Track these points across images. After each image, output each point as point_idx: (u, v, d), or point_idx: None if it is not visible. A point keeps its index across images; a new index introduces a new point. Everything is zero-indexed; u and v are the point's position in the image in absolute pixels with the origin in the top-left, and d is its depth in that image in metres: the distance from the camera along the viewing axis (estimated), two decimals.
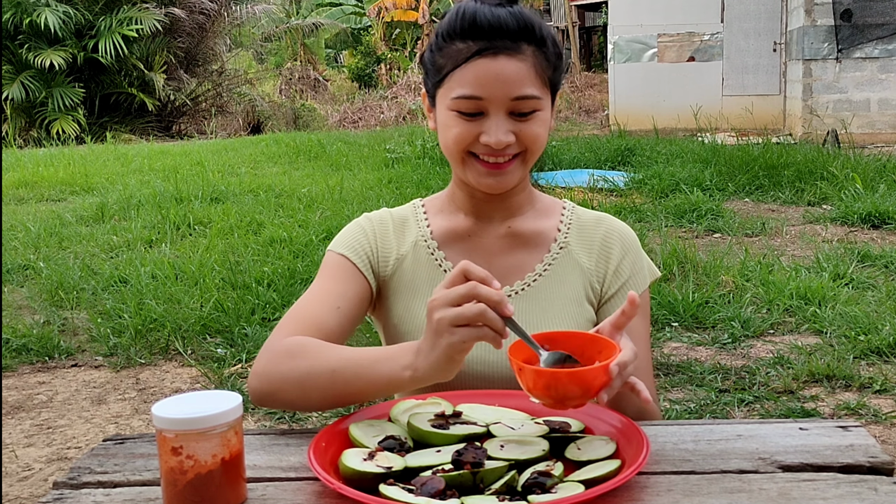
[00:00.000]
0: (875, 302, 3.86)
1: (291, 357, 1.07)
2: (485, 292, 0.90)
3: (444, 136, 1.18)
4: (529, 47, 1.13)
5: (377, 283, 1.26)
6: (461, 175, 1.20)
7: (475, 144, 1.14)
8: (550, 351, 0.96)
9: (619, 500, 0.86)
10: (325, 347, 1.08)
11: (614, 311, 1.22)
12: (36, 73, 13.34)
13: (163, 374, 3.41)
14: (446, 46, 1.14)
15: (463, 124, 1.14)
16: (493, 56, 1.11)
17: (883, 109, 10.32)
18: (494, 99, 1.12)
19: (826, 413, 2.83)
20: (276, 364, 1.08)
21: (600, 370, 0.90)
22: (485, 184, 1.17)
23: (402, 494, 0.84)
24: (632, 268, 1.25)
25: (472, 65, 1.11)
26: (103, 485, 0.93)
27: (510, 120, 1.13)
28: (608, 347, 0.95)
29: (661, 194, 6.56)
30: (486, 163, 1.15)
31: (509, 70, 1.11)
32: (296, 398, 1.07)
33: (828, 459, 0.94)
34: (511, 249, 1.25)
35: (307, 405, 1.10)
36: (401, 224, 1.28)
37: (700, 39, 12.20)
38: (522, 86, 1.12)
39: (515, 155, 1.15)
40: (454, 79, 1.13)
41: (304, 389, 1.05)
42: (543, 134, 1.16)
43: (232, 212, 6.11)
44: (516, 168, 1.16)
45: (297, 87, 20.05)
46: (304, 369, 1.05)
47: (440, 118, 1.18)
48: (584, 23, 21.14)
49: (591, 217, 1.29)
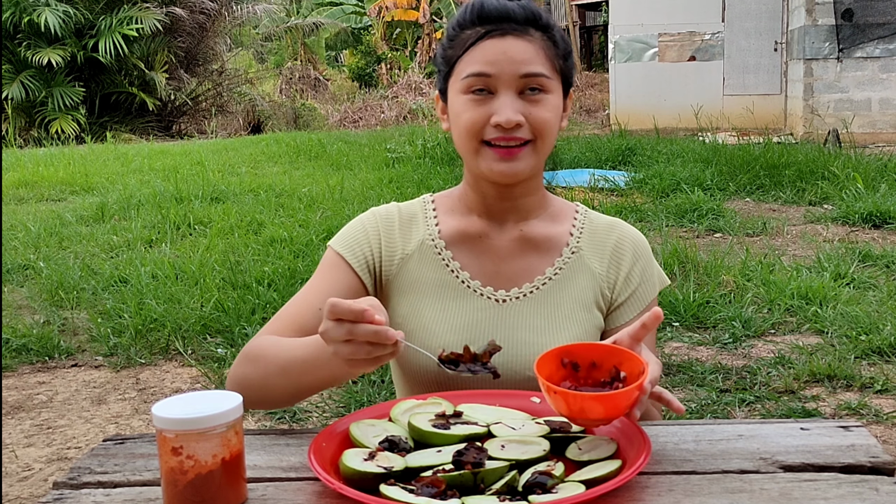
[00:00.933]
0: (876, 302, 3.86)
1: (250, 360, 1.12)
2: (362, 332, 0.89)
3: (456, 126, 1.18)
4: (537, 32, 1.15)
5: (376, 282, 1.26)
6: (474, 167, 1.19)
7: (487, 129, 1.14)
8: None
9: (620, 500, 0.86)
10: (277, 346, 1.10)
11: (623, 318, 1.23)
12: (36, 72, 13.34)
13: (163, 374, 3.41)
14: (456, 36, 1.17)
15: (473, 108, 1.14)
16: (501, 36, 1.13)
17: (884, 109, 10.31)
18: (503, 75, 1.13)
19: (827, 413, 2.83)
20: (239, 368, 1.13)
21: (634, 390, 0.90)
22: (497, 171, 1.16)
23: (403, 494, 0.84)
24: (642, 275, 1.25)
25: (481, 45, 1.14)
26: (103, 485, 0.93)
27: (519, 100, 1.14)
28: (630, 359, 0.95)
29: (661, 194, 6.55)
30: (499, 148, 1.15)
31: (517, 48, 1.13)
32: (260, 398, 1.11)
33: (829, 459, 0.94)
34: (522, 253, 1.24)
35: (270, 403, 1.14)
36: (408, 221, 1.27)
37: (701, 39, 12.19)
38: (531, 63, 1.13)
39: (526, 142, 1.15)
40: (464, 61, 1.15)
41: (263, 390, 1.10)
42: (553, 120, 1.16)
43: (232, 211, 6.11)
44: (527, 155, 1.16)
45: (298, 87, 20.04)
46: (260, 372, 1.09)
47: (452, 109, 1.18)
48: (584, 22, 21.14)
49: (603, 222, 1.28)
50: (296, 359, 1.06)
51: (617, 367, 0.96)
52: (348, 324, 0.90)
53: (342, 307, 0.90)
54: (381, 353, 0.90)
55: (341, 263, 1.23)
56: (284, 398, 1.12)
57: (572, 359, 0.98)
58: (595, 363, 0.97)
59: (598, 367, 0.97)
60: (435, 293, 1.23)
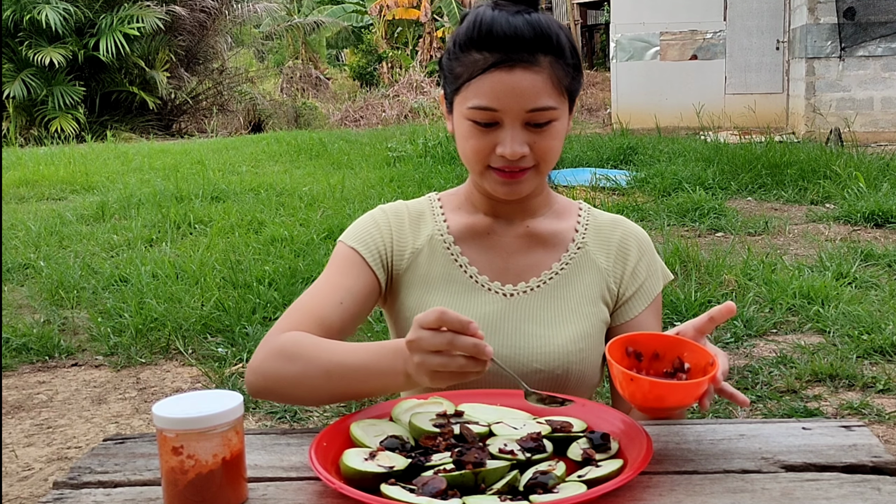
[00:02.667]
0: (878, 301, 3.86)
1: (286, 357, 1.09)
2: (462, 344, 0.91)
3: (462, 145, 1.19)
4: (546, 58, 1.12)
5: (388, 277, 1.26)
6: (479, 183, 1.23)
7: (492, 157, 1.15)
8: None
9: (621, 499, 0.85)
10: (319, 347, 1.08)
11: (632, 312, 1.25)
12: (36, 71, 13.35)
13: (163, 374, 3.41)
14: (463, 56, 1.14)
15: (479, 136, 1.14)
16: (509, 69, 1.11)
17: (886, 108, 10.30)
18: (509, 111, 1.12)
19: (829, 413, 2.82)
20: (271, 362, 1.10)
21: (708, 381, 0.92)
22: (501, 191, 1.18)
23: (404, 494, 0.83)
24: (647, 270, 1.27)
25: (488, 77, 1.11)
26: (104, 485, 0.93)
27: (525, 131, 1.13)
28: (694, 351, 0.97)
29: (663, 193, 6.55)
30: (503, 172, 1.16)
31: (525, 83, 1.11)
32: (291, 396, 1.10)
33: (831, 459, 0.93)
34: (529, 248, 1.26)
35: (302, 402, 1.13)
36: (417, 217, 1.28)
37: (703, 37, 12.19)
38: (538, 98, 1.12)
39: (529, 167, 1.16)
40: (470, 89, 1.13)
41: (298, 389, 1.08)
42: (557, 146, 1.17)
43: (233, 211, 6.11)
44: (530, 178, 1.18)
45: (299, 86, 20.04)
46: (298, 370, 1.07)
47: (457, 126, 1.19)
48: (586, 21, 21.13)
49: (607, 219, 1.30)
50: (344, 364, 1.04)
51: (680, 359, 0.98)
52: (451, 333, 0.90)
53: (452, 316, 0.91)
54: (472, 368, 0.91)
55: (356, 258, 1.23)
56: (319, 400, 1.12)
57: (637, 348, 0.99)
58: (658, 354, 0.99)
59: (661, 358, 0.99)
60: (444, 288, 1.24)
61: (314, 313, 1.16)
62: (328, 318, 1.16)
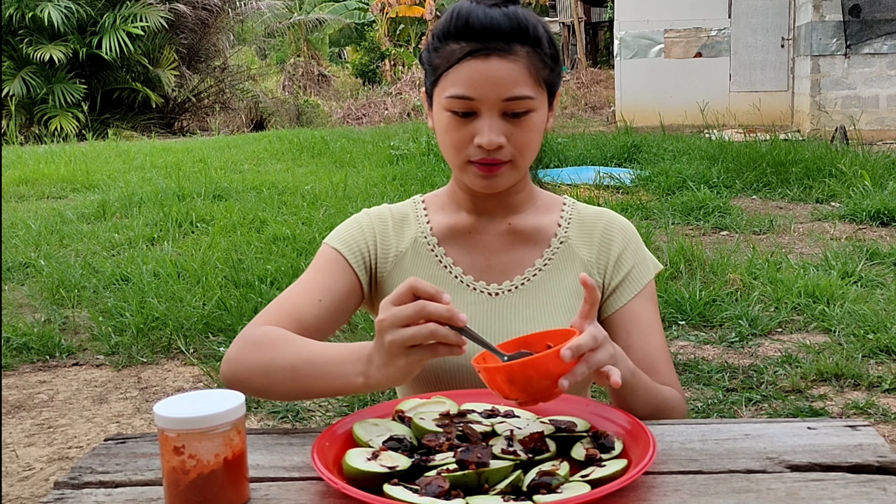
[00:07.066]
0: (884, 300, 3.84)
1: (258, 348, 1.09)
2: (433, 310, 0.90)
3: (441, 139, 1.19)
4: (523, 48, 1.13)
5: (371, 279, 1.27)
6: (460, 178, 1.23)
7: (470, 149, 1.15)
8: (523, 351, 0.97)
9: (625, 499, 0.85)
10: (289, 342, 1.09)
11: (620, 302, 1.25)
12: (37, 68, 13.36)
13: (165, 373, 3.40)
14: (441, 47, 1.15)
15: (457, 127, 1.15)
16: (485, 57, 1.11)
17: (892, 106, 10.27)
18: (486, 100, 1.12)
19: (834, 412, 2.81)
20: (243, 352, 1.11)
21: (552, 354, 0.90)
22: (479, 185, 1.19)
23: (407, 494, 0.83)
24: (634, 258, 1.26)
25: (464, 65, 1.12)
26: (105, 485, 0.93)
27: (503, 121, 1.14)
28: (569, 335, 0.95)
29: (667, 191, 6.54)
30: (481, 166, 1.16)
31: (501, 71, 1.11)
32: (259, 388, 1.10)
33: (836, 459, 0.93)
34: (511, 246, 1.26)
35: (270, 395, 1.13)
36: (400, 220, 1.29)
37: (707, 35, 12.17)
38: (515, 87, 1.12)
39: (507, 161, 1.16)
40: (447, 79, 1.14)
41: (266, 381, 1.08)
42: (535, 139, 1.17)
43: (235, 209, 6.11)
44: (507, 172, 1.17)
45: (301, 84, 20.06)
46: (267, 362, 1.08)
47: (436, 118, 1.19)
48: (590, 18, 21.10)
49: (591, 212, 1.30)
50: (311, 361, 1.05)
51: (549, 345, 0.96)
52: (421, 301, 0.90)
53: (424, 284, 0.91)
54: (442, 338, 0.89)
55: (340, 260, 1.24)
56: (286, 394, 1.12)
57: (529, 348, 0.98)
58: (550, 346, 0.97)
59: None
60: None
61: (292, 310, 1.17)
62: (306, 315, 1.16)
